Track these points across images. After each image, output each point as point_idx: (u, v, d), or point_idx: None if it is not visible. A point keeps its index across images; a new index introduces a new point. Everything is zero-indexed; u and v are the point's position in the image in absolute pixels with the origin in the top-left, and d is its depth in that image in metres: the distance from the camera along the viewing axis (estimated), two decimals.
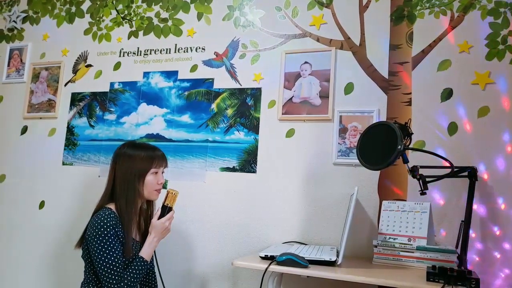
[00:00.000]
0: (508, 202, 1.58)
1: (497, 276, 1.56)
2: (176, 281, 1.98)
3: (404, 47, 1.80)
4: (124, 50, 2.30)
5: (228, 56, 2.08)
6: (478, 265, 1.58)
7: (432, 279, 1.22)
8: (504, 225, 1.58)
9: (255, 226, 1.91)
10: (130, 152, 1.54)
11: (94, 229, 1.42)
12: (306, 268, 1.32)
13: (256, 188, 1.93)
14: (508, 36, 1.66)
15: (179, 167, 2.08)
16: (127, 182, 1.50)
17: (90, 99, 2.32)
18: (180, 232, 2.01)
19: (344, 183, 1.79)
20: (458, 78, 1.71)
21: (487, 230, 1.60)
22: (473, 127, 1.66)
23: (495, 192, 1.60)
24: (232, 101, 2.04)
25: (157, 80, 2.20)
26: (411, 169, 1.45)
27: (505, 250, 1.56)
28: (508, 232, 1.57)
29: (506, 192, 1.59)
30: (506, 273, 1.55)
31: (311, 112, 1.89)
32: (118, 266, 1.40)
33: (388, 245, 1.51)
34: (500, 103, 1.64)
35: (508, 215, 1.58)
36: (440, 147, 1.69)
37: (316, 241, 1.81)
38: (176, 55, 2.19)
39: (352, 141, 1.80)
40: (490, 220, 1.60)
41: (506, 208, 1.58)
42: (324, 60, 1.90)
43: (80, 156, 2.28)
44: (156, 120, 2.17)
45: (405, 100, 1.77)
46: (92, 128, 2.28)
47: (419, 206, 1.56)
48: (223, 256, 1.93)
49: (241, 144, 1.99)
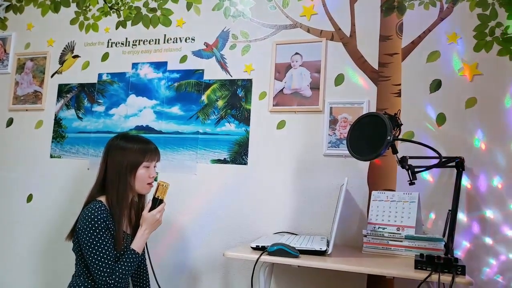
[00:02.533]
0: (494, 191, 1.62)
1: (486, 263, 1.60)
2: (167, 273, 1.99)
3: (394, 38, 1.81)
4: (112, 41, 2.27)
5: (218, 47, 2.07)
6: (469, 251, 1.62)
7: (420, 267, 1.24)
8: (490, 219, 1.62)
9: (246, 217, 1.92)
10: (122, 144, 1.52)
11: (85, 222, 1.41)
12: (296, 258, 1.34)
13: (247, 180, 1.94)
14: (496, 27, 1.68)
15: (170, 159, 2.07)
16: (118, 174, 1.49)
17: (78, 90, 2.29)
18: (171, 224, 2.01)
19: (334, 174, 1.81)
20: (446, 69, 1.73)
21: (476, 220, 1.63)
22: (461, 118, 1.69)
23: (481, 182, 1.64)
24: (222, 92, 2.03)
25: (146, 71, 2.18)
26: (400, 160, 1.47)
27: (492, 240, 1.60)
28: (493, 221, 1.61)
29: (493, 181, 1.62)
30: (494, 262, 1.59)
31: (302, 104, 1.89)
32: (109, 259, 1.40)
33: (377, 235, 1.54)
34: (487, 95, 1.66)
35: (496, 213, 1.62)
36: (428, 137, 1.71)
37: (306, 231, 1.83)
38: (165, 46, 2.17)
39: (342, 132, 1.81)
40: (479, 211, 1.63)
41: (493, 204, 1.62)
42: (315, 51, 1.90)
43: (68, 149, 2.25)
44: (145, 112, 2.15)
45: (394, 91, 1.78)
46: (80, 120, 2.26)
47: (408, 196, 1.58)
48: (214, 248, 1.94)
49: (232, 136, 1.99)
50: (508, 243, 1.58)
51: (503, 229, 1.59)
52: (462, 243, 1.63)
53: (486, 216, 1.62)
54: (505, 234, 1.59)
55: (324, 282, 1.77)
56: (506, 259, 1.57)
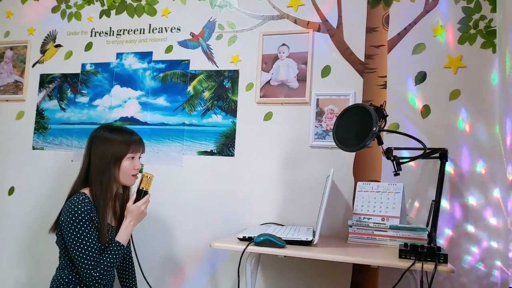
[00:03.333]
0: (476, 182, 1.65)
1: (467, 251, 1.63)
2: (154, 265, 1.98)
3: (380, 30, 1.82)
4: (95, 30, 2.22)
5: (205, 37, 2.04)
6: (451, 239, 1.65)
7: (404, 256, 1.26)
8: (472, 206, 1.65)
9: (233, 209, 1.92)
10: (106, 136, 1.50)
11: (68, 214, 1.39)
12: (283, 248, 1.34)
13: (234, 171, 1.94)
14: (479, 20, 1.70)
15: (155, 151, 2.05)
16: (102, 166, 1.46)
17: (61, 81, 2.24)
18: (157, 216, 1.99)
19: (321, 165, 1.82)
20: (431, 61, 1.74)
21: (459, 207, 1.66)
22: (445, 110, 1.71)
23: (464, 173, 1.67)
24: (209, 83, 2.01)
25: (131, 62, 2.14)
26: (385, 151, 1.49)
27: (474, 228, 1.64)
28: (475, 208, 1.65)
29: (475, 171, 1.66)
30: (476, 250, 1.63)
31: (288, 95, 1.89)
32: (94, 251, 1.38)
33: (362, 225, 1.56)
34: (470, 87, 1.69)
35: (477, 198, 1.65)
36: (413, 129, 1.73)
37: (293, 222, 1.84)
38: (150, 36, 2.13)
39: (328, 124, 1.82)
40: (460, 199, 1.67)
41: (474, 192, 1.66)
42: (302, 42, 1.89)
43: (51, 140, 2.21)
44: (130, 102, 2.12)
45: (380, 83, 1.80)
46: (64, 111, 2.21)
47: (393, 187, 1.60)
48: (201, 239, 1.94)
49: (219, 127, 1.98)
50: (490, 230, 1.61)
51: (485, 216, 1.63)
52: (445, 231, 1.66)
53: (468, 203, 1.65)
54: (487, 221, 1.62)
55: (310, 272, 1.78)
56: (487, 246, 1.61)
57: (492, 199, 1.63)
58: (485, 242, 1.62)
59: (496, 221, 1.61)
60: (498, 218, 1.60)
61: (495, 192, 1.62)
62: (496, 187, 1.62)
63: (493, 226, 1.61)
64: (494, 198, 1.62)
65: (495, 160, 1.63)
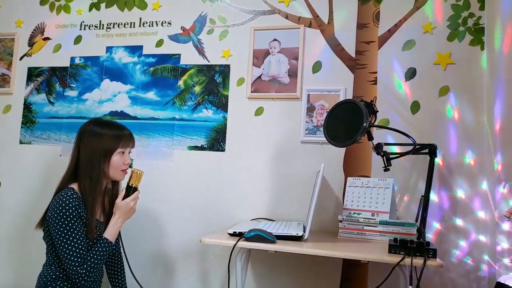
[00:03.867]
0: (465, 178, 1.67)
1: (456, 245, 1.66)
2: (143, 261, 1.97)
3: (371, 26, 1.82)
4: (85, 23, 2.19)
5: (196, 32, 2.03)
6: (440, 233, 1.67)
7: (393, 251, 1.27)
8: (461, 201, 1.67)
9: (224, 204, 1.92)
10: (96, 130, 1.48)
11: (56, 210, 1.37)
12: (273, 243, 1.35)
13: (225, 167, 1.93)
14: (468, 18, 1.72)
15: (145, 146, 2.03)
16: (92, 161, 1.45)
17: (49, 74, 2.21)
18: (147, 212, 1.98)
19: (311, 161, 1.83)
20: (421, 58, 1.76)
21: (447, 200, 1.68)
22: (434, 106, 1.73)
23: (453, 168, 1.69)
24: (199, 78, 2.00)
25: (120, 55, 2.12)
26: (375, 146, 1.49)
27: (463, 222, 1.66)
28: (462, 206, 1.66)
29: (462, 168, 1.68)
30: (464, 244, 1.65)
31: (280, 91, 1.89)
32: (81, 247, 1.37)
33: (352, 220, 1.56)
34: (459, 83, 1.71)
35: (465, 191, 1.67)
36: (403, 124, 1.74)
37: (283, 217, 1.84)
38: (140, 29, 2.11)
39: (319, 120, 1.83)
40: (448, 194, 1.68)
41: (462, 184, 1.67)
42: (293, 38, 1.89)
43: (39, 135, 2.18)
44: (120, 97, 2.10)
45: (371, 79, 1.80)
46: (52, 105, 2.18)
47: (383, 182, 1.61)
48: (191, 235, 1.93)
49: (210, 122, 1.97)
50: (478, 223, 1.64)
51: (473, 208, 1.65)
52: (433, 225, 1.68)
53: (457, 196, 1.67)
54: (475, 214, 1.64)
55: (301, 267, 1.79)
56: (475, 240, 1.63)
57: (481, 192, 1.65)
58: (473, 236, 1.64)
59: (484, 215, 1.63)
60: (486, 211, 1.62)
61: (483, 184, 1.64)
62: (484, 179, 1.64)
63: (481, 220, 1.63)
64: (483, 191, 1.64)
65: (483, 152, 1.65)
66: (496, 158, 1.50)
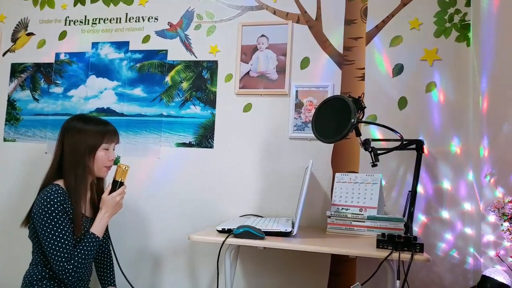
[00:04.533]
0: (451, 172, 1.69)
1: (442, 238, 1.68)
2: (132, 258, 1.96)
3: (359, 22, 1.83)
4: (70, 18, 2.16)
5: (183, 27, 2.01)
6: (426, 226, 1.69)
7: (381, 246, 1.28)
8: (447, 193, 1.69)
9: (212, 201, 1.91)
10: (80, 126, 1.46)
11: (41, 206, 1.35)
12: (262, 239, 1.35)
13: (213, 163, 1.92)
14: (454, 14, 1.73)
15: (132, 143, 2.01)
16: (76, 157, 1.43)
17: (33, 70, 2.17)
18: (135, 208, 1.97)
19: (300, 157, 1.83)
20: (408, 54, 1.77)
21: (433, 192, 1.70)
22: (421, 102, 1.74)
23: (439, 163, 1.70)
24: (187, 74, 1.99)
25: (107, 51, 2.09)
26: (363, 142, 1.50)
27: (449, 214, 1.68)
28: (448, 199, 1.68)
29: (449, 161, 1.69)
30: (450, 237, 1.67)
31: (268, 87, 1.88)
32: (68, 244, 1.35)
33: (340, 216, 1.57)
34: (446, 79, 1.72)
35: (451, 185, 1.69)
36: (390, 120, 1.75)
37: (272, 214, 1.84)
38: (127, 25, 2.08)
39: (307, 116, 1.83)
40: (435, 188, 1.70)
41: (449, 178, 1.69)
42: (281, 34, 1.89)
43: (23, 132, 2.14)
44: (106, 93, 2.07)
45: (358, 75, 1.81)
46: (37, 102, 2.15)
47: (370, 178, 1.62)
48: (180, 232, 1.92)
49: (198, 118, 1.96)
50: (464, 215, 1.66)
51: (459, 200, 1.67)
52: (418, 217, 1.69)
53: (443, 187, 1.69)
54: (461, 206, 1.66)
55: (290, 263, 1.80)
56: (461, 232, 1.65)
57: (466, 182, 1.66)
58: (458, 228, 1.66)
59: (470, 206, 1.65)
60: (472, 203, 1.64)
61: (469, 174, 1.66)
62: (470, 169, 1.65)
63: (467, 211, 1.65)
64: (469, 181, 1.66)
65: (469, 141, 1.67)
66: (482, 144, 1.51)
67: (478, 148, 1.55)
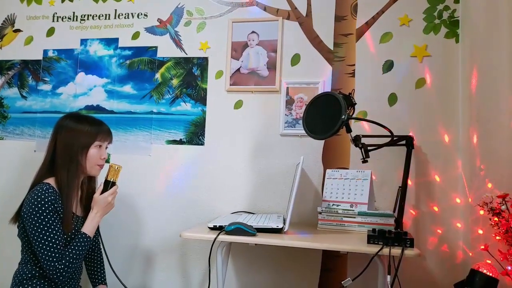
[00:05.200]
0: (440, 167, 1.71)
1: (431, 232, 1.69)
2: (123, 256, 1.95)
3: (349, 18, 1.83)
4: (57, 15, 2.13)
5: (172, 24, 2.00)
6: (415, 220, 1.70)
7: (372, 242, 1.29)
8: (435, 187, 1.71)
9: (204, 198, 1.91)
10: (73, 125, 1.45)
11: (31, 205, 1.34)
12: (254, 236, 1.35)
13: (204, 160, 1.92)
14: (443, 11, 1.74)
15: (122, 141, 2.00)
16: (69, 155, 1.42)
17: (21, 67, 2.14)
18: (126, 206, 1.95)
19: (290, 153, 1.83)
20: (398, 50, 1.77)
21: (423, 185, 1.72)
22: (411, 98, 1.75)
23: (429, 158, 1.72)
24: (177, 70, 1.97)
25: (96, 48, 2.07)
26: (354, 138, 1.51)
27: (438, 207, 1.70)
28: (438, 193, 1.70)
29: (439, 157, 1.71)
30: (440, 231, 1.69)
31: (259, 84, 1.88)
32: (58, 242, 1.34)
33: (331, 212, 1.58)
34: (435, 75, 1.73)
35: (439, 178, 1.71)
36: (381, 116, 1.75)
37: (263, 210, 1.85)
38: (116, 21, 2.06)
39: (298, 112, 1.83)
40: (423, 183, 1.72)
41: (438, 173, 1.71)
42: (271, 30, 1.88)
43: (12, 130, 2.12)
44: (96, 90, 2.05)
45: (349, 71, 1.81)
46: (25, 100, 2.12)
47: (361, 174, 1.63)
48: (171, 229, 1.92)
49: (188, 116, 1.95)
50: (453, 209, 1.67)
51: (448, 194, 1.68)
52: (408, 211, 1.70)
53: (432, 181, 1.70)
54: (450, 199, 1.68)
55: (281, 259, 1.80)
56: (450, 226, 1.67)
57: (456, 176, 1.67)
58: (448, 222, 1.68)
59: (459, 199, 1.66)
60: (462, 196, 1.65)
61: (459, 168, 1.67)
62: (460, 163, 1.67)
63: (457, 205, 1.67)
64: (458, 175, 1.67)
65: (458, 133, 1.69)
66: (472, 138, 1.53)
67: (468, 142, 1.57)
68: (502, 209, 1.28)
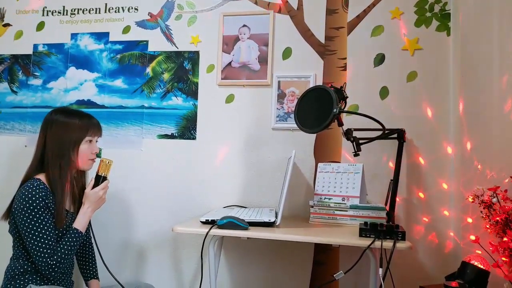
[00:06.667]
0: (429, 157, 1.72)
1: (418, 220, 1.70)
2: (114, 251, 1.94)
3: (340, 12, 1.82)
4: (47, 9, 2.10)
5: (163, 17, 1.98)
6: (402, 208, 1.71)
7: (364, 235, 1.30)
8: (425, 180, 1.72)
9: (196, 192, 1.90)
10: (63, 120, 1.44)
11: (22, 201, 1.33)
12: (246, 230, 1.35)
13: (196, 155, 1.91)
14: (435, 4, 1.74)
15: (114, 135, 1.98)
16: (60, 150, 1.40)
17: (11, 62, 2.11)
18: (118, 201, 1.95)
19: (282, 147, 1.83)
20: (389, 43, 1.77)
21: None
22: (402, 91, 1.75)
23: (420, 150, 1.72)
24: (168, 64, 1.96)
25: (86, 42, 2.05)
26: (345, 132, 1.51)
27: (423, 199, 1.71)
28: (427, 184, 1.71)
29: (430, 149, 1.72)
30: (426, 219, 1.70)
31: (250, 77, 1.87)
32: (50, 239, 1.33)
33: (323, 205, 1.58)
34: (427, 69, 1.74)
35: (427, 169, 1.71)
36: (372, 110, 1.76)
37: (255, 204, 1.85)
38: (106, 16, 2.04)
39: (289, 106, 1.83)
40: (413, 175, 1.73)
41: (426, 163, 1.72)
42: (263, 24, 1.87)
43: (2, 125, 2.10)
44: (86, 85, 2.03)
45: (340, 65, 1.81)
46: (15, 94, 2.10)
47: (352, 167, 1.63)
48: (163, 224, 1.91)
49: (180, 110, 1.94)
50: (443, 196, 1.67)
51: (436, 179, 1.69)
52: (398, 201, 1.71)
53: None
54: (438, 185, 1.68)
55: (273, 253, 1.81)
56: (440, 215, 1.67)
57: (446, 163, 1.68)
58: (437, 210, 1.68)
59: (447, 186, 1.67)
60: (451, 182, 1.66)
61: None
62: (452, 153, 1.67)
63: (445, 191, 1.67)
64: (449, 161, 1.67)
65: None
66: (462, 128, 1.53)
67: (459, 132, 1.57)
68: (493, 201, 1.30)
